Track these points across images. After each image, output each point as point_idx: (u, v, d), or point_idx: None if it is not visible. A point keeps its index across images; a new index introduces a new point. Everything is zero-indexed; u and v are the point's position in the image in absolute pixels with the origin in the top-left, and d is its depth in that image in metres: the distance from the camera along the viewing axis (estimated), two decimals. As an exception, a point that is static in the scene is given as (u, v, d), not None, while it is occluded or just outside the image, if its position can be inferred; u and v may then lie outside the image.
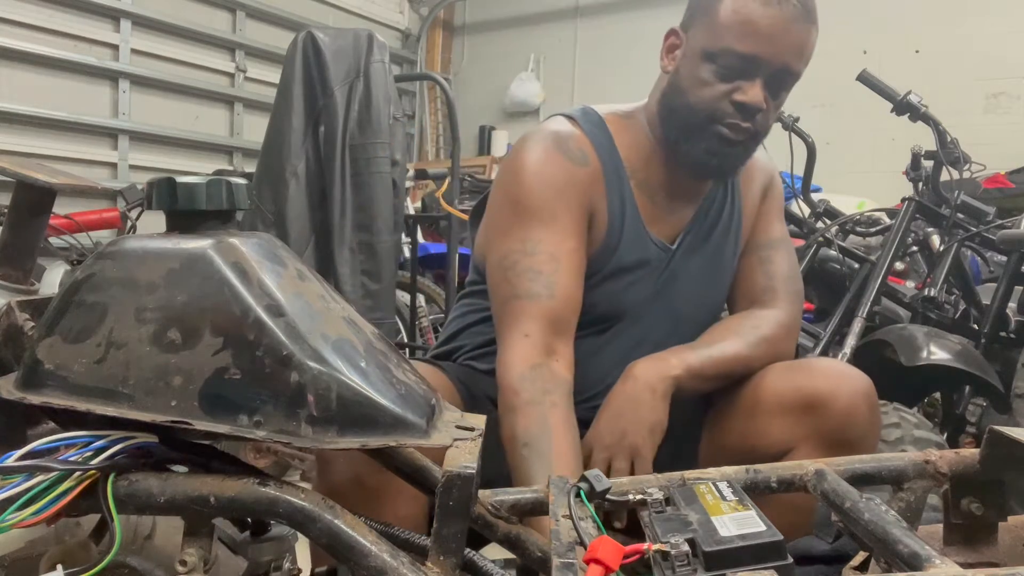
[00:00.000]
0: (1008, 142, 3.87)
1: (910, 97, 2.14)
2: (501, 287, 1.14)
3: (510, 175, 1.20)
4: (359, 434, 0.62)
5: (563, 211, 1.15)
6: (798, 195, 2.47)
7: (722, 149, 1.14)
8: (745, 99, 1.10)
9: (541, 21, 5.77)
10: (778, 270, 1.29)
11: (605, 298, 1.21)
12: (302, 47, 2.35)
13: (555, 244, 1.13)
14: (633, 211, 1.21)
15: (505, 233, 1.16)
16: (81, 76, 3.98)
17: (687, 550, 0.56)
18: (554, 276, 1.11)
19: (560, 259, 1.12)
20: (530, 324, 1.09)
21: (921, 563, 0.55)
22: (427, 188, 4.41)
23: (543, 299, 1.10)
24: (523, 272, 1.12)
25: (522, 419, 1.03)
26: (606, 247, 1.20)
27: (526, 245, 1.13)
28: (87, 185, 1.12)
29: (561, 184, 1.16)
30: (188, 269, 0.64)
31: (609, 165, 1.21)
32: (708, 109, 1.12)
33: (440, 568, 0.62)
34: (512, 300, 1.12)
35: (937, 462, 0.75)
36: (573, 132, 1.21)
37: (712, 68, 1.11)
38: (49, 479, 0.59)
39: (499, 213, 1.20)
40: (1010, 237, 1.99)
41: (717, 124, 1.12)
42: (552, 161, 1.17)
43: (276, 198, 2.32)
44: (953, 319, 2.15)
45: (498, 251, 1.17)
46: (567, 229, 1.15)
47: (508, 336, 1.11)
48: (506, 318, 1.12)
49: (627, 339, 1.24)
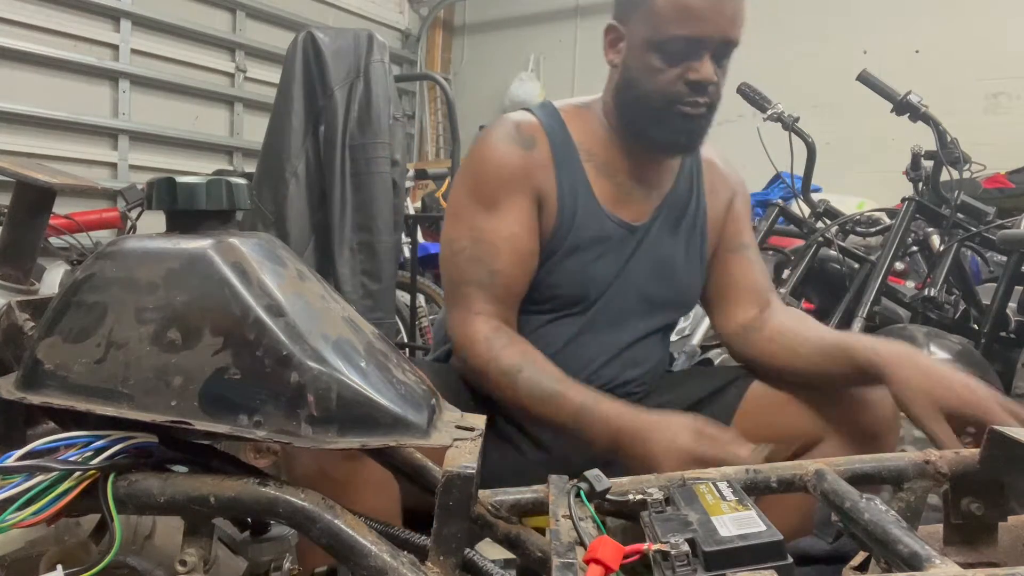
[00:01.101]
0: (1008, 142, 3.86)
1: (910, 97, 2.14)
2: (450, 272, 1.24)
3: (468, 164, 1.29)
4: (359, 434, 0.62)
5: (508, 199, 1.22)
6: (798, 195, 2.47)
7: (686, 126, 1.21)
8: (698, 77, 1.16)
9: (541, 21, 5.77)
10: (765, 271, 1.38)
11: (567, 278, 1.25)
12: (302, 47, 2.34)
13: (499, 230, 1.21)
14: (586, 191, 1.26)
15: (458, 219, 1.25)
16: (81, 76, 3.98)
17: (687, 550, 0.56)
18: (495, 264, 1.20)
19: (500, 246, 1.21)
20: (480, 305, 1.19)
21: (921, 563, 0.55)
22: (427, 188, 4.41)
23: (486, 285, 1.20)
24: (469, 259, 1.21)
25: (504, 358, 1.13)
26: (560, 226, 1.25)
27: (472, 233, 1.22)
28: (87, 185, 1.12)
29: (507, 172, 1.23)
30: (188, 269, 0.64)
31: (560, 148, 1.27)
32: (665, 94, 1.18)
33: (440, 568, 0.62)
34: (461, 286, 1.22)
35: (937, 462, 0.75)
36: (526, 119, 1.28)
37: (660, 56, 1.17)
38: (49, 479, 0.59)
39: (455, 198, 1.29)
40: (1010, 237, 1.99)
41: (677, 105, 1.18)
42: (500, 149, 1.24)
43: (276, 198, 2.32)
44: (953, 319, 2.15)
45: (449, 234, 1.26)
46: (511, 216, 1.22)
47: (461, 316, 1.20)
48: (457, 300, 1.22)
49: (603, 323, 1.28)
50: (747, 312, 1.32)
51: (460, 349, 1.20)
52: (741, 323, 1.32)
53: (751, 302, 1.32)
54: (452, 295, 1.24)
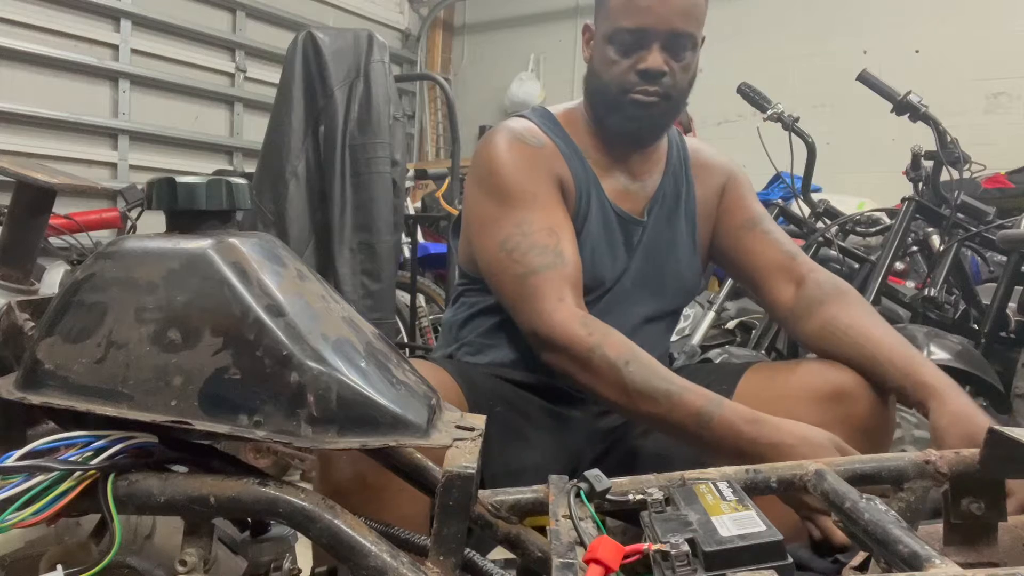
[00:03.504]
0: (1008, 142, 3.87)
1: (910, 97, 2.14)
2: (511, 269, 1.18)
3: (482, 171, 1.27)
4: (359, 434, 0.62)
5: (540, 189, 1.23)
6: (798, 195, 2.47)
7: (638, 113, 1.25)
8: (645, 66, 1.22)
9: (541, 21, 5.77)
10: (786, 239, 1.36)
11: (586, 263, 1.24)
12: (302, 47, 2.35)
13: (546, 219, 1.20)
14: (596, 181, 1.30)
15: (495, 223, 1.22)
16: (81, 76, 3.98)
17: (687, 550, 0.56)
18: (559, 245, 1.18)
19: (556, 230, 1.20)
20: (559, 290, 1.14)
21: (921, 563, 0.55)
22: (427, 188, 4.41)
23: (558, 267, 1.16)
24: (528, 250, 1.17)
25: (609, 347, 1.08)
26: (578, 214, 1.27)
27: (521, 227, 1.19)
28: (87, 185, 1.12)
29: (529, 166, 1.24)
30: (188, 269, 0.64)
31: (564, 146, 1.30)
32: (618, 83, 1.24)
33: (440, 568, 0.62)
34: (529, 276, 1.16)
35: (937, 462, 0.75)
36: (526, 123, 1.31)
37: (613, 48, 1.24)
38: (49, 479, 0.59)
39: (481, 208, 1.26)
40: (1010, 237, 1.99)
41: (628, 94, 1.24)
42: (515, 149, 1.26)
43: (276, 198, 2.32)
44: (953, 319, 2.15)
45: (493, 240, 1.21)
46: (550, 204, 1.23)
47: (541, 307, 1.13)
48: (529, 292, 1.15)
49: (609, 313, 1.26)
50: (784, 291, 1.30)
51: (553, 340, 1.12)
52: (786, 305, 1.29)
53: (783, 279, 1.31)
54: (520, 291, 1.17)
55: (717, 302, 2.50)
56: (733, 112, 4.40)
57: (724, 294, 2.51)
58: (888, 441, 1.21)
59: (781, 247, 1.33)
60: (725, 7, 4.18)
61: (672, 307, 1.39)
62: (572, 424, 1.28)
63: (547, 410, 1.28)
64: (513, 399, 1.26)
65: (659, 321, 1.36)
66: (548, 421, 1.28)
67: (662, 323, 1.38)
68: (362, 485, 0.96)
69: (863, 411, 1.15)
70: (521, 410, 1.26)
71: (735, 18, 4.57)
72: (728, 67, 3.60)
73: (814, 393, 1.17)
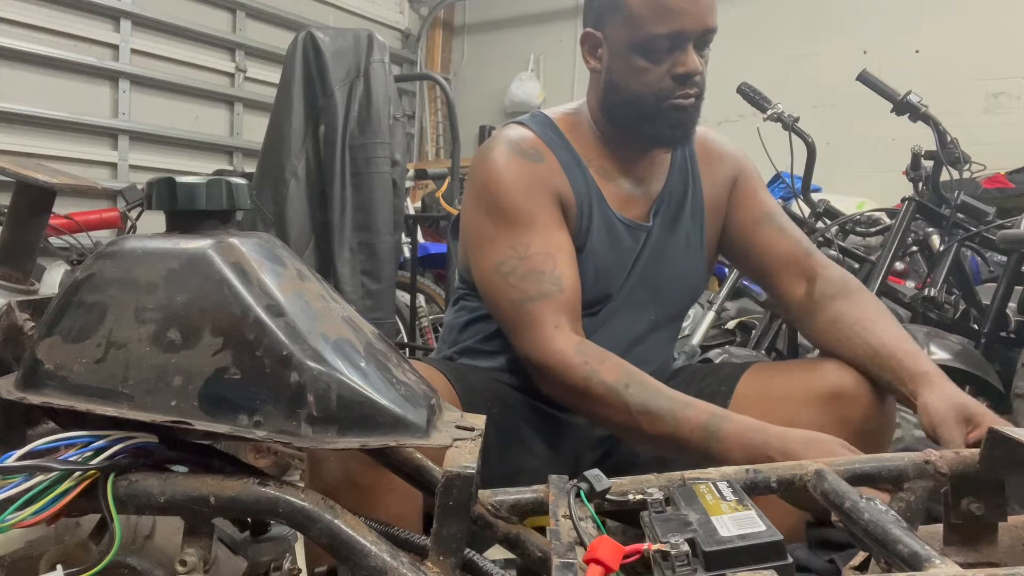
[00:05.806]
0: (1008, 142, 3.86)
1: (910, 97, 2.14)
2: (507, 293, 1.17)
3: (479, 186, 1.24)
4: (359, 434, 0.62)
5: (539, 209, 1.20)
6: (798, 195, 2.47)
7: (680, 118, 1.22)
8: (685, 70, 1.18)
9: (541, 21, 5.77)
10: (800, 235, 1.34)
11: (585, 281, 1.23)
12: (302, 47, 2.35)
13: (544, 242, 1.18)
14: (598, 193, 1.27)
15: (492, 243, 1.20)
16: (81, 76, 3.98)
17: (687, 550, 0.56)
18: (556, 271, 1.16)
19: (554, 254, 1.18)
20: (555, 318, 1.14)
21: (921, 563, 0.55)
22: (427, 188, 4.41)
23: (556, 295, 1.15)
24: (525, 275, 1.16)
25: (606, 372, 1.08)
26: (578, 231, 1.25)
27: (517, 250, 1.18)
28: (87, 185, 1.12)
29: (527, 184, 1.21)
30: (188, 269, 0.64)
31: (565, 157, 1.26)
32: (655, 92, 1.19)
33: (440, 568, 0.62)
34: (525, 303, 1.15)
35: (937, 462, 0.74)
36: (525, 134, 1.26)
37: (644, 56, 1.18)
38: (49, 479, 0.59)
39: (478, 224, 1.24)
40: (1010, 237, 1.99)
41: (668, 100, 1.19)
42: (513, 165, 1.22)
43: (276, 198, 2.33)
44: (953, 319, 2.15)
45: (490, 261, 1.20)
46: (549, 225, 1.20)
47: (537, 334, 1.14)
48: (525, 319, 1.15)
49: (613, 322, 1.27)
50: (796, 288, 1.29)
51: (548, 369, 1.12)
52: (797, 301, 1.29)
53: (794, 275, 1.30)
54: (516, 317, 1.16)
55: (717, 302, 2.50)
56: (733, 112, 4.39)
57: (724, 294, 2.51)
58: (888, 442, 1.21)
59: (796, 243, 1.32)
60: (725, 7, 4.16)
61: (677, 310, 1.38)
62: (571, 429, 1.28)
63: (545, 414, 1.27)
64: (512, 402, 1.25)
65: (664, 329, 1.35)
66: (547, 425, 1.27)
67: (667, 330, 1.36)
68: (352, 484, 0.95)
69: (863, 412, 1.15)
70: (520, 414, 1.26)
71: (735, 18, 4.57)
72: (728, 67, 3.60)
73: (814, 393, 1.18)
